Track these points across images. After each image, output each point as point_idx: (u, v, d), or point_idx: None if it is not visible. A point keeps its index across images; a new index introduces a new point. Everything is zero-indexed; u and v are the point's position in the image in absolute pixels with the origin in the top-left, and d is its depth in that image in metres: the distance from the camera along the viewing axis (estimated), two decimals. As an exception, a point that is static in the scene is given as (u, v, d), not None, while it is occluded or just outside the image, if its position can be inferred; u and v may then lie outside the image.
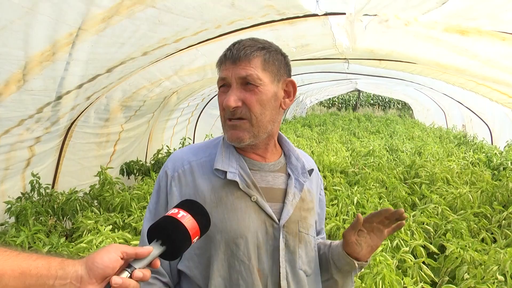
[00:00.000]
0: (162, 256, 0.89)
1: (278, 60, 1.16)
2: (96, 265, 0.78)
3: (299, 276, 1.19)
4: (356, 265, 1.22)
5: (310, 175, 1.27)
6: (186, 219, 0.92)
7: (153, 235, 0.91)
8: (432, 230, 3.37)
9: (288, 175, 1.24)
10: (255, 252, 1.14)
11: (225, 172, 1.15)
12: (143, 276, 0.82)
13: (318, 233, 1.41)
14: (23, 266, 0.75)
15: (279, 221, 1.17)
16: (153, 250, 0.87)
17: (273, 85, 1.14)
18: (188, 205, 0.97)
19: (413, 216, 3.49)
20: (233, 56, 1.11)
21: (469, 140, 9.37)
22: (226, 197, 1.15)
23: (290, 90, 1.20)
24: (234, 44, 1.15)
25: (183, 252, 0.95)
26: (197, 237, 0.94)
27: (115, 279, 0.78)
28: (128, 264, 0.84)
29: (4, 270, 0.73)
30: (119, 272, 0.81)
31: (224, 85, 1.15)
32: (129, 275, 0.81)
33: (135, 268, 0.83)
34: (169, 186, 1.19)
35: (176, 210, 0.94)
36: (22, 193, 3.63)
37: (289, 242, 1.18)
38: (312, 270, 1.25)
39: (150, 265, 0.87)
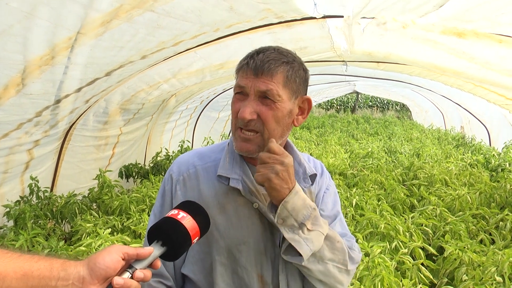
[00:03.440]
0: (162, 256, 0.90)
1: (299, 77, 1.12)
2: (98, 266, 0.79)
3: (303, 281, 1.19)
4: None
5: (313, 180, 1.22)
6: (186, 220, 0.93)
7: (153, 236, 0.91)
8: (430, 231, 3.38)
9: None
10: (257, 259, 1.14)
11: (229, 179, 1.14)
12: (144, 276, 0.83)
13: None
14: (25, 268, 0.75)
15: None
16: (154, 250, 0.88)
17: (290, 102, 1.11)
18: (187, 206, 0.98)
19: (411, 218, 3.50)
20: (256, 67, 1.07)
21: (468, 142, 9.39)
22: (229, 204, 1.14)
23: (305, 107, 1.17)
24: (258, 53, 1.10)
25: (184, 253, 0.95)
26: (197, 238, 0.94)
27: (117, 280, 0.79)
28: (129, 265, 0.85)
29: (7, 272, 0.74)
30: (120, 273, 0.82)
31: (241, 93, 1.11)
32: (130, 275, 0.83)
33: (136, 269, 0.84)
34: (174, 189, 1.18)
35: (176, 211, 0.95)
36: (20, 196, 3.63)
37: None
38: None
39: (151, 266, 0.88)
